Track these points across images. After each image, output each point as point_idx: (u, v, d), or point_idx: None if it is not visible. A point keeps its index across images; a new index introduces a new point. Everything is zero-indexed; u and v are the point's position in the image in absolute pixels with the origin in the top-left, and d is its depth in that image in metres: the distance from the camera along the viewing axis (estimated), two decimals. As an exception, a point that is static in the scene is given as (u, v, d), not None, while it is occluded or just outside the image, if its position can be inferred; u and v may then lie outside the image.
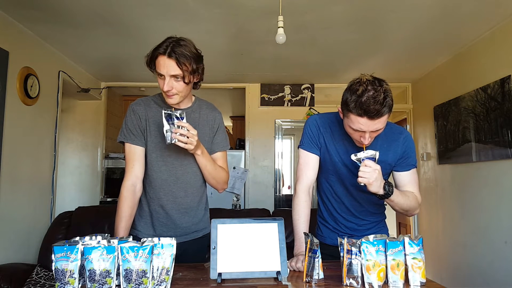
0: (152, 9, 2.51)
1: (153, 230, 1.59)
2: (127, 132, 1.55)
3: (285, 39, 2.19)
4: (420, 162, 4.11)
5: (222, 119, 1.69)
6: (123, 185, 1.52)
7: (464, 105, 3.14)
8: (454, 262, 3.36)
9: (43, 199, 3.11)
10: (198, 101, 1.65)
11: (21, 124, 2.76)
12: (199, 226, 1.66)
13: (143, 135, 1.55)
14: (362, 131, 1.30)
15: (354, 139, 1.40)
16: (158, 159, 1.55)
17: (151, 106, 1.57)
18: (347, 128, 1.37)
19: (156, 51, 1.41)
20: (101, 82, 4.39)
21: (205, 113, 1.63)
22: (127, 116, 1.56)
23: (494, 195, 2.78)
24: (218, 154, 1.65)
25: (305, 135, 1.55)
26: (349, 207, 1.55)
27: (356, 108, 1.25)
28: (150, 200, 1.59)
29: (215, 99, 5.55)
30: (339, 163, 1.50)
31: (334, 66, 3.77)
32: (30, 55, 2.87)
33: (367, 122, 1.27)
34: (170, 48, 1.39)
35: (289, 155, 5.54)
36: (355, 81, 1.30)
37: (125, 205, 1.50)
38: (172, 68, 1.39)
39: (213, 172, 1.58)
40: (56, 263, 1.01)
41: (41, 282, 2.48)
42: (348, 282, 1.12)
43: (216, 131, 1.64)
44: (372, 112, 1.24)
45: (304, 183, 1.53)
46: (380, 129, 1.31)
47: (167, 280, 1.06)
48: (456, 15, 2.56)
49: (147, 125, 1.55)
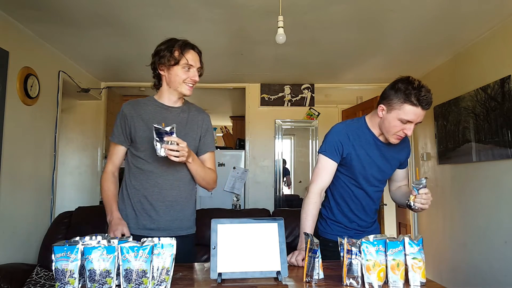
0: (152, 9, 2.51)
1: (136, 220, 1.60)
2: (116, 132, 1.67)
3: (285, 39, 2.19)
4: (420, 162, 4.12)
5: (211, 121, 1.77)
6: (105, 171, 1.70)
7: (464, 105, 3.14)
8: (454, 262, 3.36)
9: (43, 199, 3.11)
10: (188, 103, 1.74)
11: (21, 124, 2.76)
12: (184, 223, 1.67)
13: (125, 135, 1.64)
14: (411, 122, 1.46)
15: (394, 134, 1.52)
16: (146, 151, 1.60)
17: (140, 105, 1.66)
18: (393, 121, 1.49)
19: (186, 45, 1.58)
20: (101, 82, 4.39)
21: (194, 114, 1.71)
22: (117, 118, 1.67)
23: (494, 195, 2.78)
24: (207, 155, 1.73)
25: (330, 143, 1.62)
26: (365, 206, 1.68)
27: (415, 98, 1.42)
28: (135, 192, 1.62)
29: (215, 99, 5.59)
30: (368, 164, 1.61)
31: (334, 66, 3.77)
32: (30, 55, 2.87)
33: (420, 112, 1.44)
34: (193, 45, 1.62)
35: (289, 155, 5.55)
36: (404, 79, 1.48)
37: (108, 182, 1.67)
38: (199, 61, 1.62)
39: (203, 175, 1.67)
40: (56, 263, 1.01)
41: (41, 282, 2.48)
42: (348, 282, 1.12)
43: (206, 132, 1.73)
44: (427, 104, 1.43)
45: (319, 185, 1.60)
46: (420, 122, 1.49)
47: (167, 280, 1.06)
48: (456, 15, 2.56)
49: (133, 122, 1.61)
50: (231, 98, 5.44)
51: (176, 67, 1.57)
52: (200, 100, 5.75)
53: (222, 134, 5.47)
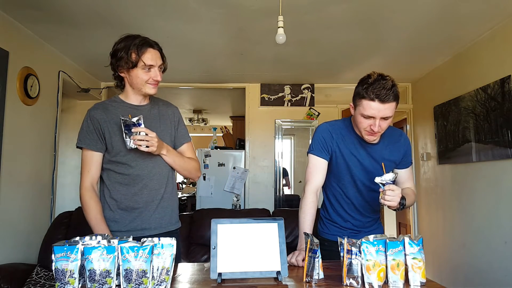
0: (152, 9, 2.51)
1: (128, 224, 1.57)
2: (83, 138, 1.56)
3: (285, 39, 2.19)
4: (420, 162, 4.11)
5: (180, 113, 1.76)
6: (83, 187, 1.54)
7: (464, 105, 3.14)
8: (454, 262, 3.36)
9: (43, 199, 3.11)
10: (153, 98, 1.71)
11: (21, 124, 2.76)
12: (173, 218, 1.67)
13: (100, 140, 1.56)
14: (373, 117, 1.43)
15: (364, 131, 1.50)
16: (127, 156, 1.56)
17: (109, 109, 1.60)
18: (358, 118, 1.49)
19: (143, 45, 1.51)
20: (101, 82, 4.39)
21: (163, 109, 1.70)
22: (84, 122, 1.58)
23: (494, 195, 2.78)
24: (184, 147, 1.72)
25: (316, 141, 1.64)
26: (358, 206, 1.66)
27: (369, 92, 1.41)
28: (122, 198, 1.57)
29: (215, 99, 5.59)
30: (353, 164, 1.60)
31: (334, 66, 3.77)
32: (30, 55, 2.87)
33: (378, 106, 1.41)
34: (152, 41, 1.55)
35: (289, 155, 5.54)
36: (366, 76, 1.47)
37: (92, 201, 1.53)
38: (159, 58, 1.56)
39: (183, 165, 1.66)
40: (56, 263, 1.01)
41: (41, 282, 2.48)
42: (348, 282, 1.12)
43: (178, 124, 1.72)
44: (383, 96, 1.39)
45: (313, 185, 1.62)
46: (388, 117, 1.44)
47: (167, 280, 1.06)
48: (456, 15, 2.56)
49: (107, 127, 1.56)
50: (231, 98, 5.43)
51: (136, 69, 1.52)
52: (200, 100, 5.76)
53: (222, 134, 5.47)
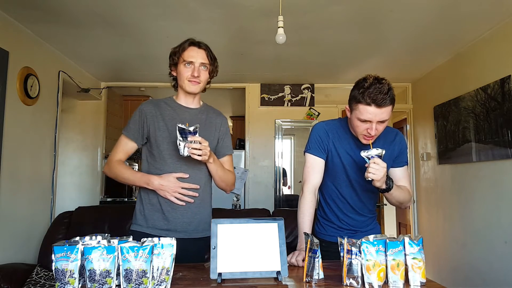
0: (152, 9, 2.51)
1: (153, 222, 1.60)
2: (127, 125, 1.66)
3: (285, 39, 2.19)
4: (420, 162, 4.12)
5: (228, 124, 1.79)
6: (111, 161, 1.63)
7: (464, 105, 3.14)
8: (454, 262, 3.36)
9: (43, 199, 3.11)
10: (206, 106, 1.77)
11: (21, 124, 2.76)
12: (201, 226, 1.66)
13: (140, 132, 1.63)
14: (369, 121, 1.43)
15: (361, 134, 1.50)
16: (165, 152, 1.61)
17: (160, 105, 1.67)
18: (355, 121, 1.48)
19: (186, 43, 1.62)
20: (101, 82, 4.39)
21: (212, 116, 1.74)
22: (135, 115, 1.66)
23: (494, 195, 2.78)
24: (225, 158, 1.76)
25: (312, 141, 1.64)
26: (353, 205, 1.65)
27: (365, 97, 1.40)
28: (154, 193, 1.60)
29: (215, 99, 5.57)
30: (349, 164, 1.60)
31: (334, 66, 3.77)
32: (30, 55, 2.87)
33: (375, 110, 1.40)
34: (199, 41, 1.64)
35: (289, 155, 5.53)
36: (361, 79, 1.46)
37: (120, 166, 1.61)
38: (202, 57, 1.61)
39: (223, 175, 1.68)
40: (56, 263, 1.01)
41: (41, 282, 2.48)
42: (348, 282, 1.12)
43: (224, 135, 1.75)
44: (379, 100, 1.38)
45: (310, 184, 1.62)
46: (385, 120, 1.44)
47: (167, 280, 1.06)
48: (456, 15, 2.56)
49: (154, 122, 1.62)
50: (231, 98, 5.44)
51: (179, 65, 1.62)
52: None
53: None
